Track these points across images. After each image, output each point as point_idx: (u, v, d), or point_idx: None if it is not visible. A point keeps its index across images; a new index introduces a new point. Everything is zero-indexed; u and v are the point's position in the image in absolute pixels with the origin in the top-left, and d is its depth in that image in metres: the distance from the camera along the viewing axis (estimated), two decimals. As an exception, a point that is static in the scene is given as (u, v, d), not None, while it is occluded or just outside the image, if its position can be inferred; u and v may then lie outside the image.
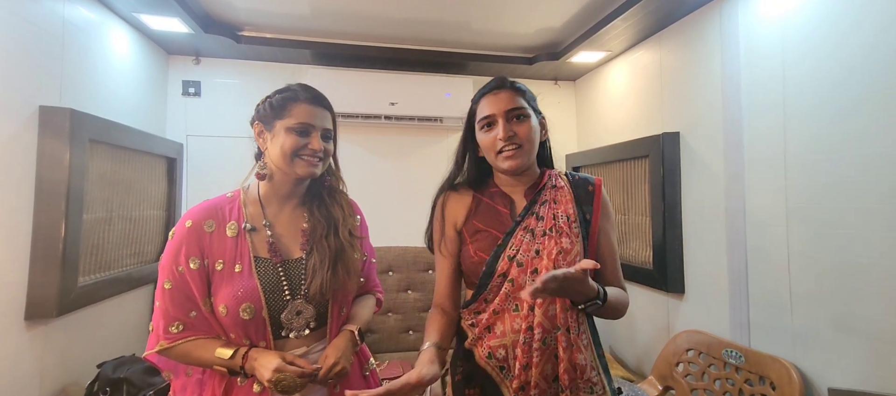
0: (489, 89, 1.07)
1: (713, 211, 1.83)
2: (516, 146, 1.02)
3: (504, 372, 1.00)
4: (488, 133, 1.05)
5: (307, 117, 1.01)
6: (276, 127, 1.01)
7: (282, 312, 1.00)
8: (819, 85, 1.40)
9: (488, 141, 1.05)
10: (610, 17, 2.06)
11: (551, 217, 1.03)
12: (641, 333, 2.31)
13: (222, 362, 0.95)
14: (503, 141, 1.01)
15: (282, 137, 1.00)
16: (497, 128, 1.02)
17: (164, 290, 0.97)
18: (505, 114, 1.02)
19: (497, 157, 1.04)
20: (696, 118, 1.93)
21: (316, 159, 1.03)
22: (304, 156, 1.01)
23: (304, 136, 1.01)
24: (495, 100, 1.04)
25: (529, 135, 1.03)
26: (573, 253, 1.00)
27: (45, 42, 1.56)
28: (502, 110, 1.02)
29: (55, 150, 1.53)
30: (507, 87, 1.06)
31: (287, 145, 0.99)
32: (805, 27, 1.45)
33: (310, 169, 1.02)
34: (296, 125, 1.00)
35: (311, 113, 1.02)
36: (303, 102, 1.02)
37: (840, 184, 1.35)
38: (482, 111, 1.06)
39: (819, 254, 1.41)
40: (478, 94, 1.10)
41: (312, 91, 1.05)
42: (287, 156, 1.00)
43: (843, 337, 1.35)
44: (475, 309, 1.05)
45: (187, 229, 0.99)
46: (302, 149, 1.01)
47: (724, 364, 1.69)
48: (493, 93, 1.05)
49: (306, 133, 1.01)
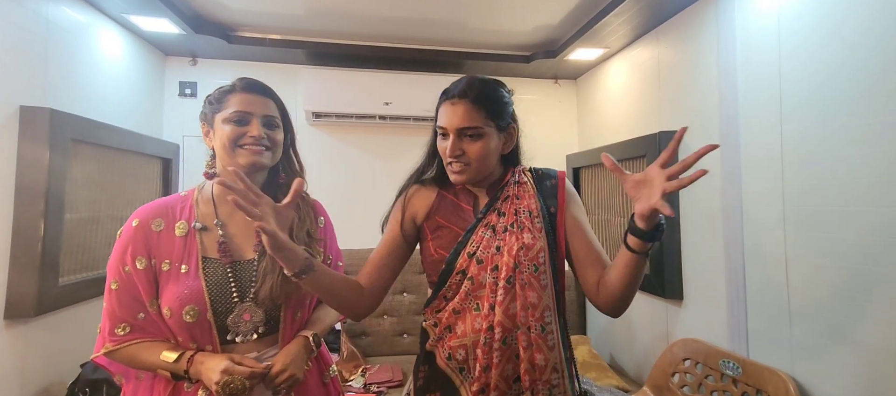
0: (449, 96, 0.98)
1: (710, 211, 1.74)
2: (464, 164, 0.97)
3: (463, 374, 0.96)
4: (442, 142, 1.00)
5: (243, 105, 0.98)
6: (216, 121, 0.99)
7: (228, 315, 0.97)
8: (816, 78, 1.31)
9: (440, 149, 1.01)
10: (603, 13, 1.99)
11: (513, 212, 0.99)
12: (640, 340, 2.22)
13: (166, 365, 0.92)
14: (450, 157, 0.97)
15: (220, 129, 0.97)
16: (447, 142, 0.97)
17: (111, 291, 0.95)
18: (456, 132, 0.95)
19: (447, 167, 1.00)
20: (692, 115, 1.84)
21: (259, 147, 0.98)
22: (244, 144, 0.97)
23: (242, 125, 0.97)
24: (451, 113, 0.96)
25: (480, 154, 0.96)
26: (535, 248, 0.96)
27: (27, 42, 1.57)
28: (454, 127, 0.95)
29: (35, 150, 1.53)
30: (466, 99, 0.95)
31: (225, 135, 0.96)
32: (801, 19, 1.36)
33: (253, 157, 0.97)
34: (232, 114, 0.97)
35: (248, 100, 0.98)
36: (238, 92, 0.99)
37: (838, 183, 1.25)
38: (439, 119, 0.99)
39: (815, 258, 1.32)
40: (442, 94, 1.02)
41: (250, 80, 1.02)
42: (227, 147, 0.96)
43: (841, 349, 1.25)
44: (436, 308, 1.02)
45: (134, 228, 0.96)
46: (241, 138, 0.97)
47: (721, 375, 1.60)
48: (451, 102, 0.96)
49: (244, 121, 0.97)
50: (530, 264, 0.94)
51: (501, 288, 0.93)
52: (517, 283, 0.94)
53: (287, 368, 0.95)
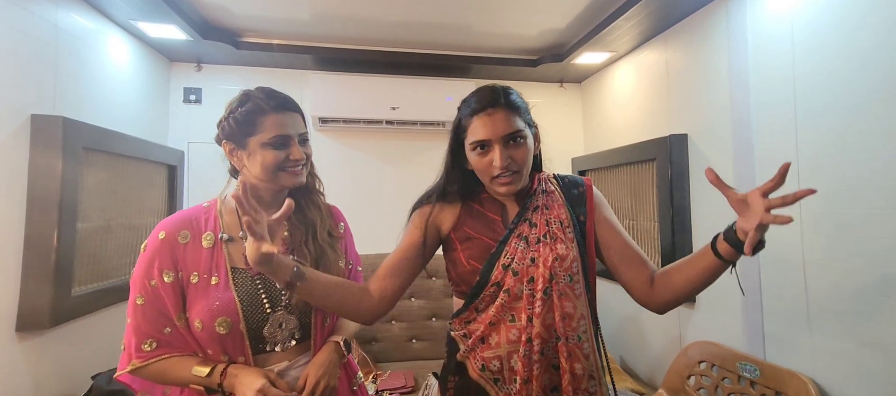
0: (482, 107, 0.95)
1: (723, 216, 1.74)
2: (513, 173, 0.95)
3: (498, 385, 0.96)
4: (482, 157, 0.96)
5: (281, 128, 0.95)
6: (251, 144, 0.95)
7: (263, 326, 0.96)
8: (831, 81, 1.32)
9: (482, 165, 0.96)
10: (613, 17, 2.00)
11: (544, 223, 0.99)
12: (653, 343, 2.23)
13: (199, 380, 0.91)
14: (501, 169, 0.94)
15: (259, 154, 0.95)
16: (493, 154, 0.94)
17: (136, 306, 0.93)
18: (501, 140, 0.93)
19: (492, 182, 0.98)
20: (704, 119, 1.85)
21: (299, 167, 0.99)
22: (287, 168, 0.97)
23: (283, 149, 0.96)
24: (491, 123, 0.93)
25: (526, 159, 0.97)
26: (569, 258, 0.96)
27: (36, 50, 1.55)
28: (499, 135, 0.93)
29: (47, 159, 1.51)
30: (501, 106, 0.94)
31: (269, 161, 0.94)
32: (815, 22, 1.37)
33: (295, 179, 0.99)
34: (272, 139, 0.94)
35: (283, 122, 0.96)
36: (272, 113, 0.95)
37: (855, 186, 1.26)
38: (475, 133, 0.95)
39: (836, 261, 1.33)
40: (467, 108, 0.99)
41: (278, 97, 0.98)
42: (270, 171, 0.95)
43: (865, 352, 1.26)
44: (466, 319, 1.01)
45: (160, 241, 0.95)
46: (285, 162, 0.96)
47: (738, 377, 1.60)
48: (487, 113, 0.94)
49: (285, 145, 0.96)
50: (565, 274, 0.95)
51: (538, 300, 0.93)
52: (554, 294, 0.94)
53: (321, 379, 0.95)
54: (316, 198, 1.10)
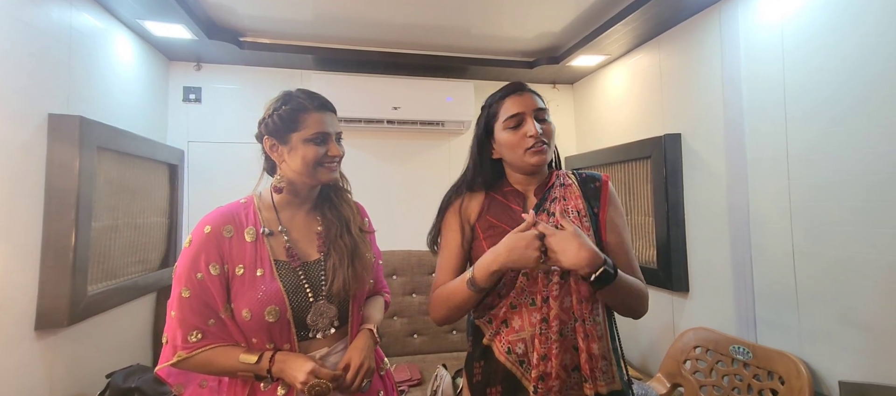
0: (513, 90, 1.10)
1: (716, 210, 1.87)
2: (544, 143, 1.05)
3: (524, 367, 1.02)
4: (516, 131, 1.07)
5: (322, 126, 1.02)
6: (293, 140, 1.01)
7: (306, 314, 1.01)
8: (819, 87, 1.45)
9: (516, 138, 1.07)
10: (610, 22, 2.10)
11: (560, 212, 1.07)
12: (646, 332, 2.35)
13: (248, 367, 0.95)
14: (534, 137, 1.04)
15: (302, 149, 1.01)
16: (526, 126, 1.05)
17: (182, 299, 0.96)
18: (533, 113, 1.06)
19: (525, 153, 1.06)
20: (697, 120, 1.97)
21: (335, 163, 1.06)
22: (326, 163, 1.04)
23: (323, 145, 1.02)
24: (522, 100, 1.08)
25: (552, 136, 1.09)
26: None
27: (52, 50, 1.55)
28: (531, 109, 1.07)
29: (65, 159, 1.51)
30: (529, 91, 1.10)
31: (310, 156, 1.01)
32: (805, 30, 1.49)
33: (331, 175, 1.06)
34: (314, 135, 1.01)
35: (324, 121, 1.03)
36: (314, 111, 1.03)
37: (840, 183, 1.39)
38: (508, 110, 1.08)
39: (823, 250, 1.45)
40: (496, 97, 1.12)
41: (318, 98, 1.06)
42: (310, 166, 1.01)
43: (849, 331, 1.39)
44: (488, 304, 1.08)
45: (206, 235, 0.98)
46: (324, 158, 1.03)
47: (731, 360, 1.72)
48: (519, 94, 1.09)
49: (325, 141, 1.03)
50: None
51: (555, 283, 1.00)
52: (571, 278, 1.01)
53: (364, 361, 1.01)
54: (346, 195, 1.16)
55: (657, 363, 2.17)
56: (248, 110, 2.61)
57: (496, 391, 1.05)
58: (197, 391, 1.05)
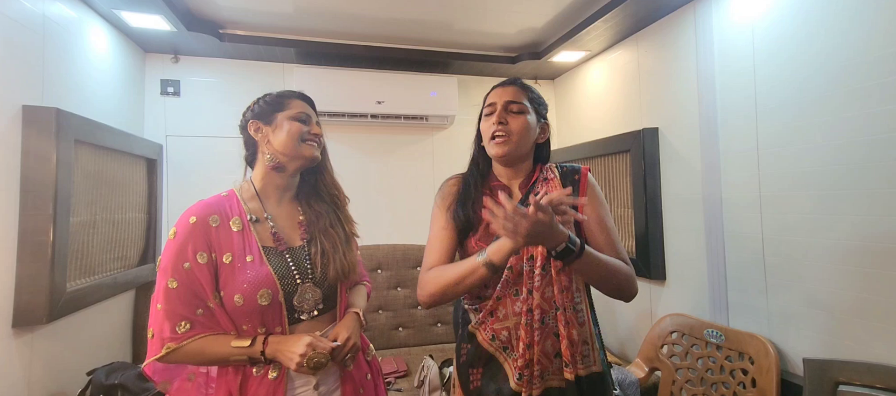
0: (500, 84, 1.16)
1: (692, 201, 1.95)
2: (505, 135, 1.09)
3: (507, 352, 1.08)
4: (487, 120, 1.13)
5: (304, 109, 1.13)
6: (278, 118, 1.09)
7: (293, 296, 1.04)
8: (787, 83, 1.53)
9: (486, 127, 1.14)
10: (591, 19, 2.16)
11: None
12: (624, 319, 2.42)
13: (242, 351, 0.96)
14: (495, 125, 1.09)
15: (287, 125, 1.08)
16: (494, 116, 1.11)
17: (169, 290, 0.96)
18: (504, 105, 1.11)
19: (489, 143, 1.12)
20: (673, 114, 2.05)
21: (316, 142, 1.12)
22: (308, 140, 1.10)
23: (306, 123, 1.10)
24: (501, 92, 1.14)
25: (521, 129, 1.10)
26: None
27: (26, 39, 1.50)
28: (503, 101, 1.12)
29: (42, 151, 1.47)
30: (515, 84, 1.15)
31: (294, 130, 1.08)
32: (774, 30, 1.57)
33: (314, 152, 1.11)
34: (297, 114, 1.10)
35: (306, 107, 1.14)
36: (297, 98, 1.14)
37: (807, 173, 1.48)
38: (488, 100, 1.15)
39: (789, 237, 1.54)
40: (490, 89, 1.18)
41: (300, 93, 1.17)
42: (295, 139, 1.07)
43: (812, 312, 1.48)
44: (477, 295, 1.12)
45: (192, 225, 0.99)
46: (306, 134, 1.10)
47: (705, 343, 1.81)
48: (502, 87, 1.15)
49: (307, 120, 1.11)
50: None
51: (538, 275, 1.04)
52: (552, 269, 1.05)
53: (351, 336, 1.06)
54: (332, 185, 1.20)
55: (635, 349, 2.25)
56: (229, 104, 2.57)
57: (478, 372, 1.11)
58: (184, 384, 1.05)
